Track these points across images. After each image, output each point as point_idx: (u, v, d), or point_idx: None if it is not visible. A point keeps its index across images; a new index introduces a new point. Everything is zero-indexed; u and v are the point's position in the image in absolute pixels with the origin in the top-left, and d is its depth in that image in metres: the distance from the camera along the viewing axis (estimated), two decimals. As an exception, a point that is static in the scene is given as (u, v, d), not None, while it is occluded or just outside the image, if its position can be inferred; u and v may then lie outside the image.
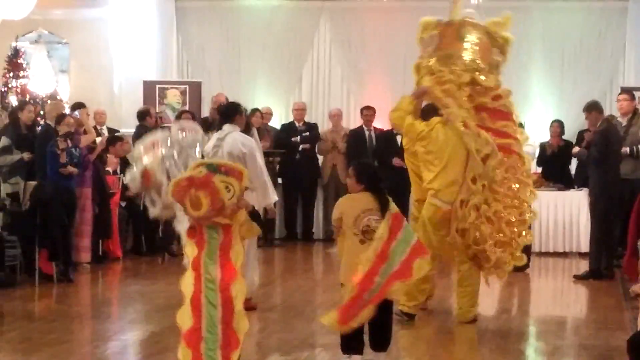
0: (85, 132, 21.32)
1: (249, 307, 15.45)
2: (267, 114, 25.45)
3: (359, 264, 12.26)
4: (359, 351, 12.74)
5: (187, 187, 12.01)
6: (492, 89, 15.92)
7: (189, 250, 12.30)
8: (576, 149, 23.03)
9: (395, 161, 22.95)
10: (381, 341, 12.92)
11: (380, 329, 12.82)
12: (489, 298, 17.55)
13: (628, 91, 22.39)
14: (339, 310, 12.30)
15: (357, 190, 12.69)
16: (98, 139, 22.21)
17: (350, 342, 12.73)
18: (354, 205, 12.75)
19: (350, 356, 12.73)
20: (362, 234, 12.52)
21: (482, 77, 15.76)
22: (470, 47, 15.90)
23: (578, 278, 20.49)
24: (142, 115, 23.28)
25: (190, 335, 12.63)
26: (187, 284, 12.35)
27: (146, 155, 13.41)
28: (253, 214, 13.51)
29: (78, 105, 22.33)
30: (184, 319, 12.69)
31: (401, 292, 13.20)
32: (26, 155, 19.50)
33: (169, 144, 13.61)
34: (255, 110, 24.19)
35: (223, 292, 12.48)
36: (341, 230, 12.77)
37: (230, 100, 22.01)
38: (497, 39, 16.18)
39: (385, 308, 12.57)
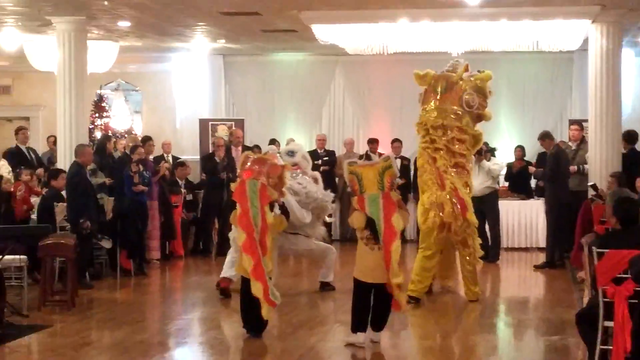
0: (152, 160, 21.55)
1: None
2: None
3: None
4: (364, 329, 12.81)
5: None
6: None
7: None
8: (533, 169, 23.23)
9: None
10: (379, 323, 12.99)
11: (380, 313, 12.87)
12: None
13: (579, 122, 22.49)
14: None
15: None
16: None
17: (358, 323, 12.89)
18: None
19: (357, 333, 12.81)
20: (366, 240, 12.69)
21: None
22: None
23: (537, 267, 20.64)
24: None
25: (255, 269, 12.88)
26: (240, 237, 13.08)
27: None
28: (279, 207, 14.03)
29: (147, 139, 22.46)
30: (245, 264, 13.00)
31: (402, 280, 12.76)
32: (107, 181, 19.67)
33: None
34: (274, 140, 24.43)
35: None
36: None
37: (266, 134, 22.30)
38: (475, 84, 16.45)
39: (385, 297, 12.70)
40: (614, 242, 10.76)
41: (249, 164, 13.64)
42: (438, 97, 16.39)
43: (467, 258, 16.40)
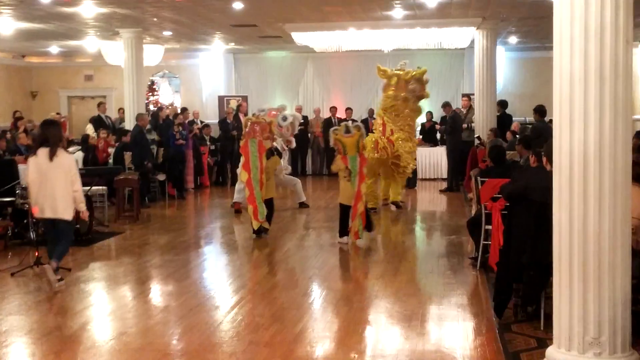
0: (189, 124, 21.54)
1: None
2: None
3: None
4: (346, 234, 13.10)
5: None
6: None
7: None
8: (438, 127, 23.36)
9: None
10: (369, 226, 13.46)
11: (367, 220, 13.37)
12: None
13: (467, 95, 22.62)
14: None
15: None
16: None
17: (342, 230, 13.17)
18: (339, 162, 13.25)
19: (342, 237, 13.11)
20: (347, 177, 13.05)
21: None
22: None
23: (442, 191, 20.71)
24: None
25: (249, 197, 13.71)
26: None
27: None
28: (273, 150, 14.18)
29: (184, 109, 22.45)
30: (246, 193, 13.84)
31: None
32: (156, 137, 19.61)
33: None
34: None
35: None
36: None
37: (262, 105, 22.31)
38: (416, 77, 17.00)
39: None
40: (490, 175, 10.90)
41: (249, 124, 13.95)
42: (392, 88, 17.00)
43: (399, 173, 17.02)
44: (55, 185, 9.99)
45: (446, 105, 21.28)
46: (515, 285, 8.23)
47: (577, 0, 5.79)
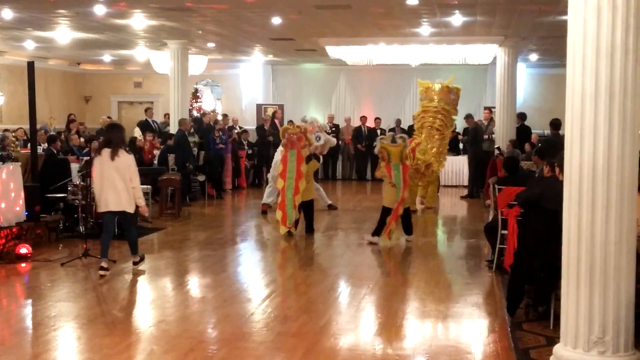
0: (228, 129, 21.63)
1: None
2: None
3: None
4: (379, 234, 13.15)
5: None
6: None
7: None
8: (461, 137, 23.34)
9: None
10: (409, 229, 13.55)
11: (407, 224, 13.51)
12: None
13: (489, 108, 22.49)
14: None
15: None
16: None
17: (378, 229, 13.21)
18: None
19: (375, 237, 13.18)
20: (391, 184, 13.15)
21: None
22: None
23: (462, 197, 20.72)
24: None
25: (280, 203, 14.04)
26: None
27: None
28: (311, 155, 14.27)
29: (224, 115, 22.54)
30: (278, 183, 14.19)
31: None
32: (197, 140, 19.69)
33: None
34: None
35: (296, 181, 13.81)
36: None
37: (297, 114, 22.43)
38: (452, 89, 17.25)
39: (406, 214, 13.40)
40: (506, 183, 10.87)
41: (286, 135, 14.07)
42: (435, 96, 17.26)
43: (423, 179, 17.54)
44: (117, 181, 10.44)
45: (468, 117, 21.18)
46: (527, 286, 8.21)
47: (590, 21, 5.78)
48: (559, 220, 6.36)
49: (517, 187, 9.85)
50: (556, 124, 16.10)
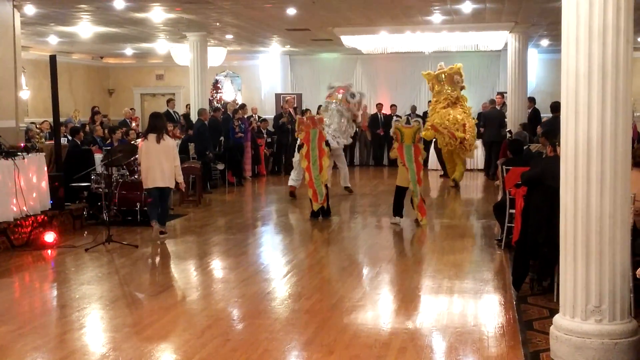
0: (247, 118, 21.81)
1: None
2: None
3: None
4: (401, 215, 13.40)
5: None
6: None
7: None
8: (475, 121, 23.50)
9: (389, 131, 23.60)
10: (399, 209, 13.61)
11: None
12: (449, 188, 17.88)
13: (501, 93, 22.58)
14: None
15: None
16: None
17: (397, 210, 13.42)
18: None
19: (396, 217, 13.41)
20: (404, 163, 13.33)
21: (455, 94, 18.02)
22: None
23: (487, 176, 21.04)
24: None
25: (309, 182, 14.13)
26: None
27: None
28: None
29: (243, 105, 22.65)
30: (306, 178, 14.22)
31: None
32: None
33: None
34: (320, 106, 24.54)
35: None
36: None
37: (315, 102, 22.53)
38: (456, 72, 17.44)
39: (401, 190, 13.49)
40: (513, 164, 11.01)
41: (304, 122, 14.30)
42: (443, 83, 18.53)
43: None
44: (162, 161, 12.02)
45: (491, 103, 21.83)
46: (531, 261, 8.36)
47: (582, 4, 5.91)
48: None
49: (524, 167, 9.97)
50: (556, 107, 16.19)
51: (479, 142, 22.58)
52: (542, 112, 20.57)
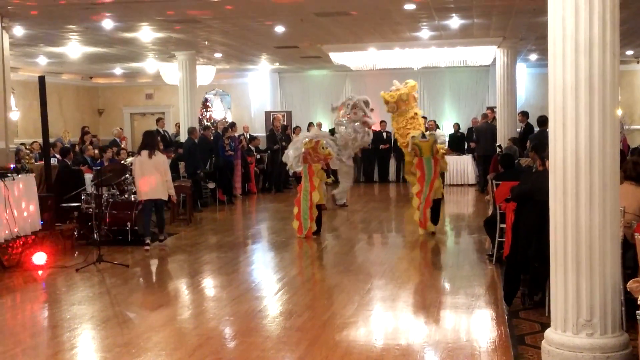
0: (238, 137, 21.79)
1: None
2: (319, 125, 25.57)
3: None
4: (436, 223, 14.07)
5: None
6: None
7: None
8: (472, 144, 23.52)
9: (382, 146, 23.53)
10: (436, 219, 14.10)
11: (436, 213, 14.09)
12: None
13: (491, 108, 22.61)
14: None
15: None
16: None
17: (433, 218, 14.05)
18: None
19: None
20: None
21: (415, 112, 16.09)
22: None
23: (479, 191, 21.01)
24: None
25: (297, 214, 14.12)
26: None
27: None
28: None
29: (233, 124, 22.64)
30: (295, 210, 14.19)
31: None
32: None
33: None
34: (310, 123, 24.58)
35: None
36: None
37: (305, 119, 22.48)
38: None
39: (435, 205, 14.02)
40: (503, 178, 11.01)
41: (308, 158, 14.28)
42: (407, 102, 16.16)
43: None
44: (154, 175, 12.96)
45: (484, 117, 21.76)
46: (522, 276, 8.36)
47: (568, 18, 5.93)
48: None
49: (513, 182, 9.96)
50: (542, 121, 16.20)
51: (469, 157, 22.70)
52: (535, 127, 20.64)
